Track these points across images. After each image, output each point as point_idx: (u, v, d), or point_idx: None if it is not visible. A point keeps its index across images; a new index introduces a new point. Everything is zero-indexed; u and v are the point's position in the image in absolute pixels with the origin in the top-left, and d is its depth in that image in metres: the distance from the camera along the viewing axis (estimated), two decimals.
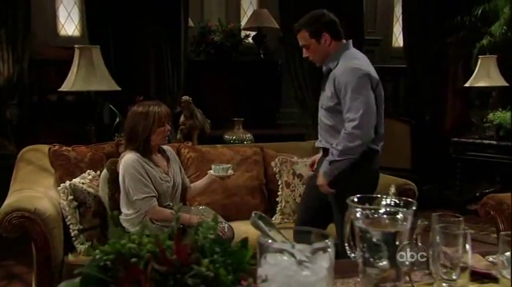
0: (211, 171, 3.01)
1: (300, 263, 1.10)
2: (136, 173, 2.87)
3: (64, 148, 3.31)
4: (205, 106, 4.90)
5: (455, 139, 5.37)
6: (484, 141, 5.08)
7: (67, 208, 2.95)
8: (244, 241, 1.10)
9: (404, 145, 5.43)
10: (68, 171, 3.22)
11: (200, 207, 3.04)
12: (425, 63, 6.80)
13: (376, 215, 1.21)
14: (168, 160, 3.09)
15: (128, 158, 2.90)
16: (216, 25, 7.06)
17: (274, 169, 3.57)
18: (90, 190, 3.06)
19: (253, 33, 7.19)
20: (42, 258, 2.81)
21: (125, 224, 2.99)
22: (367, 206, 1.22)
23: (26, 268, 3.80)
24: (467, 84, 5.37)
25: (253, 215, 1.22)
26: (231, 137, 4.20)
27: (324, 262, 1.12)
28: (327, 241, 1.12)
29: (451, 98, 6.79)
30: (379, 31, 7.81)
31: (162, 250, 0.97)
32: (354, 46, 3.63)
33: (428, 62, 6.77)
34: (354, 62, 2.81)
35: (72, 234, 2.94)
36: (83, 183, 3.06)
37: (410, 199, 1.23)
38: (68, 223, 2.95)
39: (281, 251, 1.13)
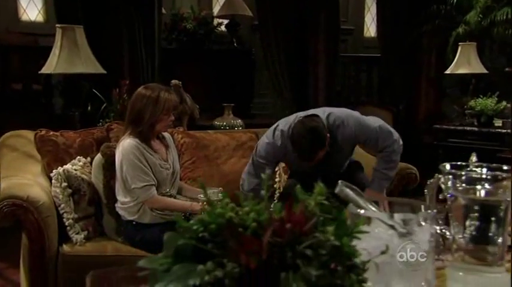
0: (200, 195, 2.87)
1: (402, 235, 1.01)
2: (136, 161, 2.74)
3: (51, 133, 3.12)
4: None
5: (437, 126, 5.42)
6: (465, 128, 5.13)
7: (60, 196, 2.78)
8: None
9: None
10: (56, 157, 3.04)
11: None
12: (399, 52, 6.83)
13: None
14: (166, 146, 2.96)
15: (128, 144, 2.76)
16: (188, 12, 6.91)
17: None
18: (84, 176, 2.90)
19: (226, 22, 7.07)
20: (36, 249, 2.65)
21: (121, 212, 2.87)
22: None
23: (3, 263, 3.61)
24: (448, 71, 5.42)
25: (339, 183, 1.13)
26: (221, 123, 4.10)
27: (425, 234, 1.04)
28: (428, 211, 1.04)
29: (425, 87, 6.85)
30: (351, 21, 7.82)
31: (278, 218, 0.86)
32: (330, 36, 3.50)
33: (402, 52, 6.81)
34: (345, 124, 2.97)
35: (67, 223, 2.78)
36: (75, 169, 2.88)
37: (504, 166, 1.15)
38: (62, 212, 2.78)
39: (377, 222, 1.04)
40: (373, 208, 1.09)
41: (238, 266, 0.80)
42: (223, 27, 7.10)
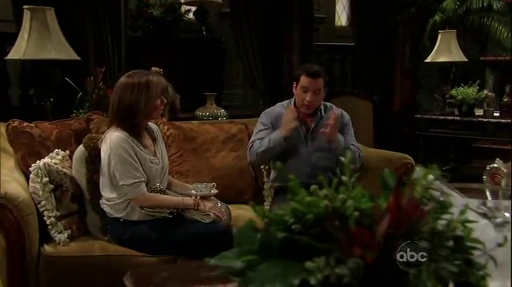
0: (193, 191, 2.76)
1: (499, 225, 0.92)
2: (125, 155, 2.60)
3: (25, 124, 2.94)
4: None
5: (418, 116, 5.42)
6: (447, 117, 5.14)
7: (40, 192, 2.62)
8: None
9: (367, 123, 5.39)
10: (32, 151, 2.87)
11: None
12: (374, 41, 6.82)
13: None
14: (154, 139, 2.83)
15: (116, 137, 2.61)
16: None
17: None
18: (66, 171, 2.74)
19: (194, 9, 6.90)
20: (16, 251, 2.48)
21: (107, 209, 2.73)
22: None
23: None
24: (428, 60, 5.41)
25: (417, 169, 1.03)
26: (203, 113, 3.96)
27: None
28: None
29: (399, 77, 6.85)
30: (322, 9, 7.77)
31: (388, 206, 0.76)
32: (305, 24, 3.47)
33: (376, 41, 6.80)
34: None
35: (48, 222, 2.62)
36: (55, 163, 2.71)
37: None
38: (42, 210, 2.62)
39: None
40: (458, 195, 1.00)
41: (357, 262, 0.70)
42: (191, 15, 6.93)
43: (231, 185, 3.14)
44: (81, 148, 2.79)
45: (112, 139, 2.61)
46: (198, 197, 2.71)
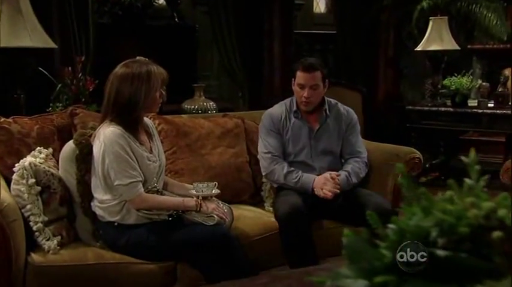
0: (193, 191, 2.66)
1: None
2: (121, 152, 2.48)
3: (3, 119, 2.78)
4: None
5: (410, 107, 5.41)
6: (440, 108, 5.14)
7: (26, 195, 2.47)
8: None
9: (356, 115, 5.35)
10: (11, 149, 2.72)
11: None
12: (356, 29, 6.80)
13: None
14: (150, 135, 2.72)
15: (111, 132, 2.49)
16: None
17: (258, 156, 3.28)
18: (53, 171, 2.60)
19: None
20: (1, 261, 2.32)
21: (99, 212, 2.62)
22: None
23: None
24: (419, 48, 5.40)
25: None
26: (191, 107, 3.84)
27: None
28: None
29: (383, 66, 6.86)
30: None
31: None
32: (285, 9, 3.39)
33: (359, 28, 6.79)
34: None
35: (35, 228, 2.47)
36: (40, 163, 2.57)
37: None
38: (27, 215, 2.48)
39: None
40: None
41: None
42: (162, 0, 6.77)
43: (228, 185, 3.04)
44: (70, 145, 2.66)
45: (106, 135, 2.49)
46: (200, 198, 2.61)
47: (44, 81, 3.59)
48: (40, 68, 3.44)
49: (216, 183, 2.71)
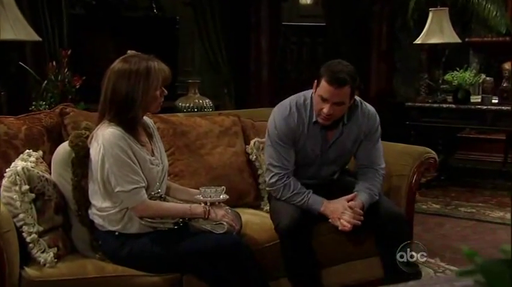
0: (200, 196, 2.60)
1: None
2: (123, 155, 2.41)
3: None
4: (86, 72, 4.20)
5: (409, 104, 5.42)
6: (442, 105, 5.16)
7: (18, 203, 2.38)
8: None
9: None
10: None
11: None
12: (346, 21, 6.81)
13: None
14: (150, 135, 2.66)
15: (110, 134, 2.41)
16: None
17: (251, 157, 3.25)
18: (47, 176, 2.52)
19: None
20: None
21: (98, 221, 2.55)
22: None
23: None
24: (418, 41, 5.40)
25: None
26: (185, 105, 3.79)
27: None
28: None
29: (375, 61, 6.88)
30: None
31: None
32: (271, 2, 3.37)
33: (349, 21, 6.79)
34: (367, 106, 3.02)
35: (29, 239, 2.38)
36: (32, 167, 2.48)
37: None
38: (20, 224, 2.38)
39: None
40: None
41: None
42: None
43: (231, 187, 2.96)
44: (64, 147, 2.58)
45: (105, 137, 2.41)
46: (208, 204, 2.55)
47: (22, 77, 3.49)
48: (21, 63, 3.32)
49: (224, 188, 2.65)
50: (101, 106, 2.51)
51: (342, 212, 2.77)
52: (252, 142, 3.25)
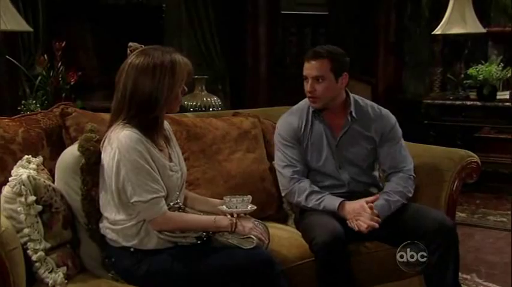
0: (224, 207, 2.58)
1: None
2: (141, 161, 2.38)
3: None
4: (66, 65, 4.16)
5: (428, 101, 5.43)
6: (465, 102, 5.17)
7: (23, 216, 2.32)
8: None
9: None
10: None
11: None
12: (352, 10, 6.83)
13: None
14: (167, 139, 2.64)
15: (127, 137, 2.38)
16: None
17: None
18: (53, 185, 2.49)
19: None
20: None
21: (111, 235, 2.51)
22: None
23: None
24: (438, 32, 5.40)
25: None
26: (192, 103, 3.76)
27: None
28: None
29: (383, 53, 6.90)
30: None
31: None
32: None
33: (355, 9, 6.82)
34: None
35: (35, 257, 2.33)
36: (37, 176, 2.43)
37: None
38: (24, 241, 2.32)
39: None
40: None
41: None
42: None
43: (253, 197, 2.93)
44: (71, 152, 2.54)
45: (121, 140, 2.37)
46: (235, 216, 2.52)
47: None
48: (8, 57, 3.27)
49: (250, 197, 2.62)
50: (117, 105, 2.47)
51: (358, 212, 2.81)
52: None
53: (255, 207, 2.60)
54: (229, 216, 2.52)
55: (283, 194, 3.09)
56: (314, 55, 2.97)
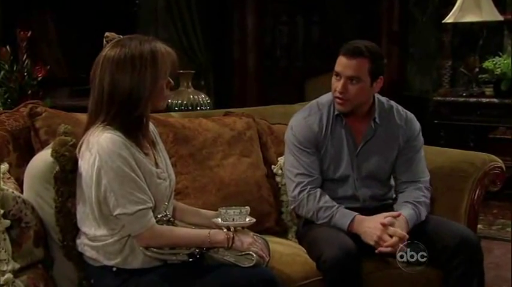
0: (218, 219, 2.57)
1: None
2: (126, 169, 2.36)
3: None
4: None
5: (438, 98, 5.43)
6: (481, 99, 5.18)
7: None
8: None
9: None
10: None
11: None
12: None
13: None
14: (153, 143, 2.63)
15: (109, 141, 2.36)
16: None
17: (277, 178, 3.34)
18: (23, 197, 2.47)
19: None
20: None
21: (89, 253, 2.49)
22: None
23: None
24: (449, 20, 5.41)
25: None
26: (177, 101, 3.76)
27: None
28: None
29: (386, 44, 6.93)
30: None
31: None
32: None
33: None
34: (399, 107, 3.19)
35: (1, 280, 2.30)
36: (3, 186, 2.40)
37: None
38: None
39: None
40: None
41: None
42: None
43: (250, 207, 2.96)
44: (42, 158, 2.52)
45: (102, 144, 2.35)
46: (232, 229, 2.50)
47: None
48: None
49: (249, 208, 2.61)
50: (95, 105, 2.45)
51: (379, 234, 2.76)
52: (280, 160, 3.29)
53: (254, 220, 2.59)
54: (225, 230, 2.51)
55: (291, 207, 3.10)
56: (354, 52, 2.90)
